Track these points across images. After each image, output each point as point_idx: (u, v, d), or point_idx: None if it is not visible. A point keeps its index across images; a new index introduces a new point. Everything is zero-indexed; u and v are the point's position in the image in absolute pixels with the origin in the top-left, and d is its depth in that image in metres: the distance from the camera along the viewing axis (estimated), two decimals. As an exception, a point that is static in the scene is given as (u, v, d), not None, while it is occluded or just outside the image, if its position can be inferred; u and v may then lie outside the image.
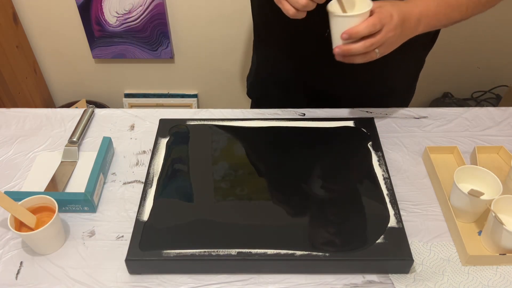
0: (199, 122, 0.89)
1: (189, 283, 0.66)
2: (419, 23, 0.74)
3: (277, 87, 1.03)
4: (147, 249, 0.66)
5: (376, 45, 0.70)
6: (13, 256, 0.70)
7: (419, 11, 0.74)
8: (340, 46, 0.70)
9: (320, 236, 0.68)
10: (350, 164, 0.81)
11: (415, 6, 0.74)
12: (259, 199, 0.74)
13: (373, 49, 0.70)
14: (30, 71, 1.87)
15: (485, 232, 0.70)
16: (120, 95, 2.05)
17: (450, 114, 0.96)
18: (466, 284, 0.66)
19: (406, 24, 0.72)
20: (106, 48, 1.86)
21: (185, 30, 1.79)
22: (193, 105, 2.04)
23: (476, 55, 1.89)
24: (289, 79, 1.00)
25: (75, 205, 0.75)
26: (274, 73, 1.03)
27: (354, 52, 0.70)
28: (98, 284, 0.66)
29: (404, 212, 0.75)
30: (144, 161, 0.85)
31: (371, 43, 0.69)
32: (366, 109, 0.96)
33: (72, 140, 0.87)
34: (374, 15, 0.68)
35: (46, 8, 1.76)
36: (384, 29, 0.69)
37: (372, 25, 0.68)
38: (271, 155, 0.83)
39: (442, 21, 0.77)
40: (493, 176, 0.72)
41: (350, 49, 0.70)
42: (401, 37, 0.73)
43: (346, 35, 0.68)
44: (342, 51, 0.70)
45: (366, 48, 0.69)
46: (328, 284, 0.66)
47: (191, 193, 0.75)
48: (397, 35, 0.72)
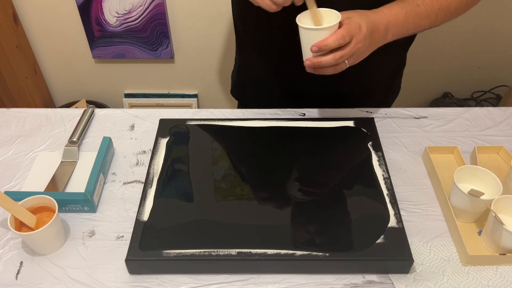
0: (199, 122, 0.89)
1: (189, 283, 0.66)
2: (388, 32, 0.75)
3: (256, 87, 1.04)
4: (147, 249, 0.66)
5: (345, 57, 0.70)
6: (13, 256, 0.70)
7: (387, 20, 0.74)
8: (310, 59, 0.71)
9: (320, 236, 0.68)
10: (350, 164, 0.81)
11: (384, 16, 0.74)
12: (259, 199, 0.74)
13: (343, 61, 0.71)
14: (30, 71, 1.87)
15: (485, 232, 0.70)
16: (120, 95, 2.05)
17: (450, 114, 0.96)
18: (466, 284, 0.66)
19: (375, 34, 0.73)
20: (106, 48, 1.86)
21: (185, 30, 1.79)
22: (193, 105, 2.04)
23: (476, 55, 1.89)
24: (267, 79, 1.00)
25: (75, 205, 0.75)
26: (252, 73, 1.03)
27: (324, 64, 0.71)
28: (98, 284, 0.66)
29: (404, 212, 0.75)
30: (144, 161, 0.85)
31: (340, 55, 0.70)
32: (366, 109, 0.96)
33: (72, 140, 0.87)
34: (343, 27, 0.69)
35: (46, 8, 1.76)
36: (353, 41, 0.70)
37: (341, 38, 0.68)
38: (271, 155, 0.82)
39: (410, 30, 0.78)
40: (493, 176, 0.72)
41: (320, 62, 0.70)
42: (370, 47, 0.74)
43: (316, 48, 0.69)
44: (312, 63, 0.71)
45: (336, 61, 0.70)
46: (328, 284, 0.66)
47: (191, 193, 0.75)
48: (366, 45, 0.72)
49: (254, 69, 1.02)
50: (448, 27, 1.78)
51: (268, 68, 0.98)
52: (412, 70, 1.90)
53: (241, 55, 1.05)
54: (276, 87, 1.00)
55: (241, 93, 1.12)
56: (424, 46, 1.83)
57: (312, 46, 0.69)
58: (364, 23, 0.71)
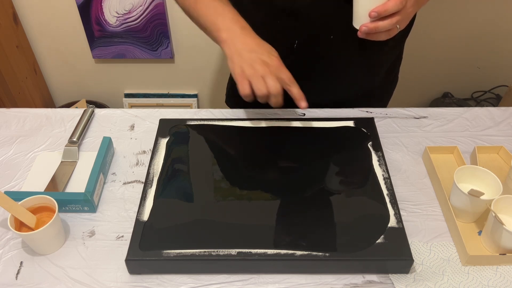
0: (199, 122, 0.89)
1: (189, 283, 0.66)
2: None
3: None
4: (147, 249, 0.66)
5: (400, 21, 0.72)
6: (13, 256, 0.70)
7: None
8: (366, 24, 0.72)
9: (320, 236, 0.68)
10: (350, 164, 0.81)
11: None
12: (259, 199, 0.74)
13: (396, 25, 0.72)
14: (30, 71, 1.87)
15: (485, 232, 0.70)
16: (120, 95, 2.05)
17: (450, 114, 0.96)
18: (466, 284, 0.66)
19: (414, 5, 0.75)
20: (106, 48, 1.86)
21: (185, 30, 1.79)
22: (193, 105, 2.04)
23: (476, 55, 1.89)
24: None
25: (75, 205, 0.75)
26: None
27: (381, 29, 0.72)
28: (98, 284, 0.66)
29: (404, 212, 0.75)
30: (144, 161, 0.85)
31: (397, 19, 0.71)
32: (366, 109, 0.96)
33: (72, 140, 0.87)
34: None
35: (46, 8, 1.76)
36: (407, 5, 0.71)
37: (400, 3, 0.69)
38: (271, 155, 0.82)
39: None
40: (493, 176, 0.72)
41: (377, 26, 0.71)
42: (414, 11, 0.76)
43: (375, 13, 0.69)
44: (369, 29, 0.72)
45: (392, 25, 0.71)
46: (328, 284, 0.66)
47: (191, 193, 0.75)
48: (414, 9, 0.74)
49: None
50: (448, 27, 1.78)
51: None
52: (412, 70, 1.90)
53: None
54: None
55: (236, 103, 1.12)
56: (424, 46, 1.83)
57: (372, 11, 0.69)
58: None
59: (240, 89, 0.74)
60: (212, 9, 0.79)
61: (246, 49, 0.74)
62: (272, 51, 0.76)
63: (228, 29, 0.76)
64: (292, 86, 0.75)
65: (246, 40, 0.76)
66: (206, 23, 0.79)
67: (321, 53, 0.89)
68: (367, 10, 0.70)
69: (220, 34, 0.76)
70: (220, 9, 0.78)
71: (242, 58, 0.74)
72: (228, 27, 0.76)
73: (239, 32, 0.76)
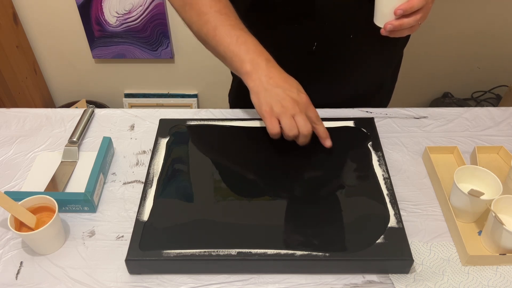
0: (199, 122, 0.89)
1: (189, 283, 0.66)
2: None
3: None
4: (147, 249, 0.66)
5: (423, 17, 0.73)
6: (13, 256, 0.70)
7: None
8: (391, 22, 0.72)
9: (320, 236, 0.68)
10: (350, 164, 0.81)
11: None
12: (259, 199, 0.74)
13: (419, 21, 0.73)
14: (30, 71, 1.87)
15: (485, 232, 0.70)
16: (120, 95, 2.05)
17: (450, 114, 0.96)
18: (466, 284, 0.66)
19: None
20: (106, 48, 1.86)
21: (185, 30, 1.79)
22: (193, 105, 2.04)
23: (476, 55, 1.89)
24: None
25: (75, 205, 0.75)
26: None
27: (406, 26, 0.73)
28: (98, 284, 0.66)
29: (404, 212, 0.75)
30: (144, 161, 0.85)
31: (421, 15, 0.72)
32: (366, 109, 0.96)
33: (72, 140, 0.87)
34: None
35: (46, 8, 1.76)
36: (430, 1, 0.72)
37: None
38: (271, 155, 0.82)
39: None
40: (493, 176, 0.72)
41: (403, 23, 0.72)
42: (432, 4, 0.77)
43: (401, 11, 0.70)
44: (394, 26, 0.72)
45: (416, 21, 0.72)
46: (328, 284, 0.66)
47: (191, 193, 0.75)
48: (432, 4, 0.75)
49: None
50: (448, 27, 1.78)
51: None
52: (412, 70, 1.90)
53: None
54: None
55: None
56: (424, 46, 1.83)
57: (397, 9, 0.70)
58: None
59: (270, 127, 0.72)
60: (234, 38, 0.75)
61: (273, 84, 0.73)
62: (299, 88, 0.74)
63: (252, 61, 0.74)
64: (318, 125, 0.75)
65: (272, 74, 0.73)
66: (227, 53, 0.75)
67: (340, 52, 0.89)
68: (392, 8, 0.71)
69: (243, 65, 0.74)
70: (243, 38, 0.75)
71: (269, 94, 0.72)
72: (252, 59, 0.74)
73: (264, 65, 0.73)
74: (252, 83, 0.74)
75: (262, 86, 0.73)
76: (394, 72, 1.06)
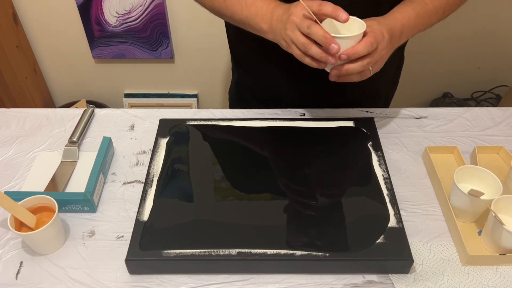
0: (199, 122, 0.89)
1: (189, 283, 0.66)
2: (402, 35, 0.76)
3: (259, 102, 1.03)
4: (147, 249, 0.66)
5: (371, 63, 0.71)
6: (13, 256, 0.70)
7: (401, 24, 0.76)
8: (337, 67, 0.71)
9: (320, 236, 0.68)
10: (350, 164, 0.81)
11: (397, 20, 0.75)
12: (259, 199, 0.74)
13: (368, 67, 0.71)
14: (30, 71, 1.87)
15: (485, 232, 0.70)
16: (120, 95, 2.05)
17: (450, 114, 0.96)
18: (466, 284, 0.66)
19: (393, 39, 0.74)
20: (106, 48, 1.86)
21: (185, 30, 1.79)
22: (193, 105, 2.04)
23: (476, 55, 1.89)
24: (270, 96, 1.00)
25: (75, 205, 0.75)
26: (254, 90, 1.03)
27: (352, 71, 0.71)
28: (98, 284, 0.66)
29: (404, 212, 0.75)
30: (144, 161, 0.85)
31: (367, 61, 0.70)
32: (366, 109, 0.96)
33: (72, 140, 0.87)
34: (369, 35, 0.69)
35: (46, 8, 1.76)
36: (379, 48, 0.70)
37: (370, 45, 0.68)
38: (271, 155, 0.82)
39: (421, 29, 0.80)
40: (493, 176, 0.72)
41: (348, 69, 0.70)
42: (389, 53, 0.75)
43: (345, 56, 0.68)
44: (339, 71, 0.71)
45: (363, 67, 0.70)
46: (328, 284, 0.66)
47: (191, 193, 0.75)
48: (388, 51, 0.73)
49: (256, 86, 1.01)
50: (448, 27, 1.78)
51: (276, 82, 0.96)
52: (412, 70, 1.90)
53: (239, 70, 1.05)
54: (282, 100, 0.99)
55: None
56: (424, 46, 1.83)
57: (342, 54, 0.68)
58: (385, 30, 0.71)
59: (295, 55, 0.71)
60: (243, 2, 0.77)
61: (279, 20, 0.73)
62: (286, 10, 0.72)
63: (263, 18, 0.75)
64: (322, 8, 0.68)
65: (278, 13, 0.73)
66: (243, 20, 0.77)
67: None
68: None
69: (261, 26, 0.75)
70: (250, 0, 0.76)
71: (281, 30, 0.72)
72: (263, 16, 0.75)
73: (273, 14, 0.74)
74: (271, 35, 0.75)
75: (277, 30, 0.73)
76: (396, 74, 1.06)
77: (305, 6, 0.68)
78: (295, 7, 0.70)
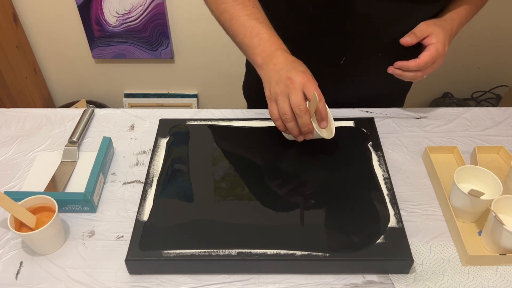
0: (199, 122, 0.89)
1: (189, 283, 0.66)
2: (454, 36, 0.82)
3: None
4: (147, 249, 0.66)
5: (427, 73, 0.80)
6: (13, 256, 0.70)
7: (457, 25, 0.80)
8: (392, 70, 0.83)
9: (320, 236, 0.68)
10: (350, 164, 0.81)
11: (454, 22, 0.80)
12: (259, 199, 0.74)
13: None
14: (30, 71, 1.87)
15: (485, 232, 0.70)
16: (120, 95, 2.05)
17: (450, 114, 0.96)
18: (466, 284, 0.66)
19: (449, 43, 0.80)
20: (106, 48, 1.86)
21: (185, 30, 1.80)
22: (193, 105, 2.04)
23: (476, 55, 1.89)
24: None
25: (75, 205, 0.75)
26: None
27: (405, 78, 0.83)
28: (98, 284, 0.66)
29: (404, 212, 0.75)
30: (144, 161, 0.85)
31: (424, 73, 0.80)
32: (366, 109, 0.96)
33: (72, 140, 0.87)
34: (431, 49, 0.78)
35: (46, 8, 1.76)
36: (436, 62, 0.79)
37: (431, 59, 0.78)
38: (271, 155, 0.82)
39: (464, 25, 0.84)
40: (493, 176, 0.72)
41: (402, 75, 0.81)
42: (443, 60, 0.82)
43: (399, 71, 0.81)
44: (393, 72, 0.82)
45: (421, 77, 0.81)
46: (328, 284, 0.66)
47: (191, 193, 0.75)
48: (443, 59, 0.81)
49: None
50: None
51: None
52: (412, 70, 1.90)
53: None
54: None
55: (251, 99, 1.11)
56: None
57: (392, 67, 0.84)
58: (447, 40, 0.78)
59: (269, 113, 0.72)
60: (248, 30, 0.75)
61: (276, 69, 0.71)
62: (302, 68, 0.71)
63: (263, 54, 0.73)
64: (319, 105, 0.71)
65: (278, 60, 0.72)
66: (242, 45, 0.76)
67: (366, 68, 0.90)
68: None
69: (256, 58, 0.74)
70: (257, 30, 0.74)
71: (271, 80, 0.71)
72: (262, 51, 0.73)
73: (273, 55, 0.73)
74: (262, 75, 0.74)
75: (267, 75, 0.72)
76: None
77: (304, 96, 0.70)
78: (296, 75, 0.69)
